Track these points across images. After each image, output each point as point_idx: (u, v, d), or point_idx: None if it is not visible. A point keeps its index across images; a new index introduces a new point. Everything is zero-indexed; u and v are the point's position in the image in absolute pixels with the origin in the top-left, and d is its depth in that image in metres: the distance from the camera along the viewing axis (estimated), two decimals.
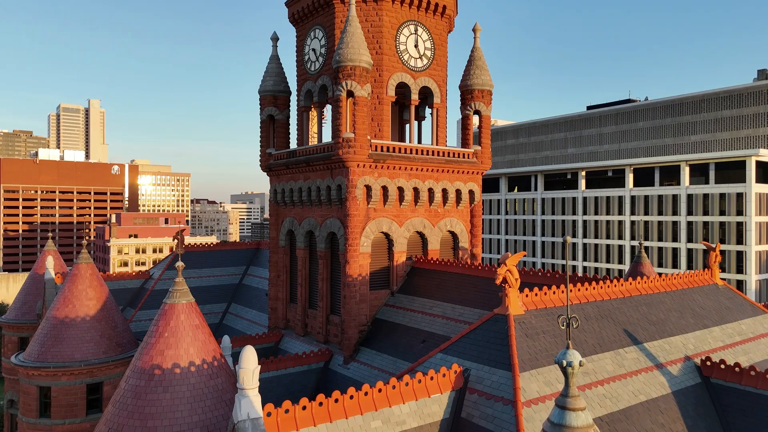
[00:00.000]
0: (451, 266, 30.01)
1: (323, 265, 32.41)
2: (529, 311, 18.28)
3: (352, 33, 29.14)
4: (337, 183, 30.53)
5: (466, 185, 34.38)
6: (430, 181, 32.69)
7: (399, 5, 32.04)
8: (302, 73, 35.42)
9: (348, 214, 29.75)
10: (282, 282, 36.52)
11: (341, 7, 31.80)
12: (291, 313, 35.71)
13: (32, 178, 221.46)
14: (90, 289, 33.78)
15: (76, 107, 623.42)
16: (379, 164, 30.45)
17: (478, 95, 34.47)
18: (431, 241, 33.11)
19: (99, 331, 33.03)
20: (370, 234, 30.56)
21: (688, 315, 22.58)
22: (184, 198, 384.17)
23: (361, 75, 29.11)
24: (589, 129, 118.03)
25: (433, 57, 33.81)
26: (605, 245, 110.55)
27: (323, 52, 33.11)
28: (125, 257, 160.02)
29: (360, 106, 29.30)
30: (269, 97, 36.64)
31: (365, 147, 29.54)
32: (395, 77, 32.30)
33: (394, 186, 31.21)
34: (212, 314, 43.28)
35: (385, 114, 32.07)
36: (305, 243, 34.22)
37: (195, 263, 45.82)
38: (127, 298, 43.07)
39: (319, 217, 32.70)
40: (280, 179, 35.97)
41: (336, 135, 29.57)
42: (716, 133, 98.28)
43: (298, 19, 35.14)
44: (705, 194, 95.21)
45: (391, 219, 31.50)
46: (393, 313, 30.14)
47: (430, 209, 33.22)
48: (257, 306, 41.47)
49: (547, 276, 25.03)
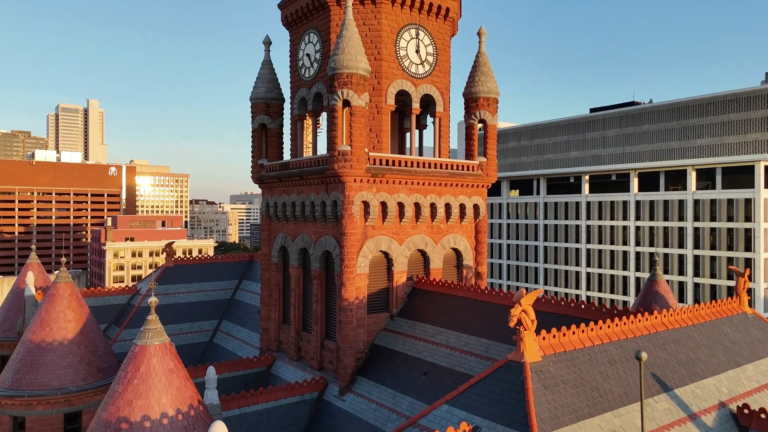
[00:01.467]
0: (455, 288, 27.85)
1: (318, 286, 30.26)
2: (547, 357, 16.12)
3: (349, 38, 26.98)
4: (332, 199, 28.38)
5: (471, 199, 32.22)
6: (432, 196, 30.53)
7: (399, 8, 29.87)
8: (296, 80, 33.27)
9: (344, 233, 27.59)
10: (274, 301, 34.35)
11: (337, 10, 29.63)
12: (284, 334, 33.56)
13: (28, 179, 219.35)
14: (68, 310, 31.61)
15: (75, 107, 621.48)
16: (378, 178, 28.29)
17: (483, 103, 32.30)
18: (433, 260, 30.95)
19: (78, 356, 30.87)
20: (367, 253, 28.40)
21: (719, 351, 20.42)
22: (183, 199, 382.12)
23: (358, 83, 26.94)
24: (592, 132, 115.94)
25: (435, 63, 31.64)
26: (609, 251, 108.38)
27: (318, 57, 30.94)
28: (121, 261, 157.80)
29: (357, 116, 27.13)
30: (261, 105, 34.46)
31: (362, 161, 27.38)
32: (395, 85, 30.13)
33: (394, 201, 29.04)
34: (202, 332, 41.11)
35: (384, 124, 29.90)
36: (299, 261, 32.06)
37: (185, 277, 43.63)
38: (112, 315, 40.89)
39: (313, 234, 30.54)
40: (273, 192, 33.82)
41: (331, 147, 27.41)
42: (723, 136, 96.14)
43: (291, 22, 32.98)
44: (712, 200, 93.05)
45: (391, 237, 29.34)
46: (393, 340, 27.98)
47: (432, 225, 31.05)
48: (249, 324, 39.29)
49: (561, 305, 22.87)
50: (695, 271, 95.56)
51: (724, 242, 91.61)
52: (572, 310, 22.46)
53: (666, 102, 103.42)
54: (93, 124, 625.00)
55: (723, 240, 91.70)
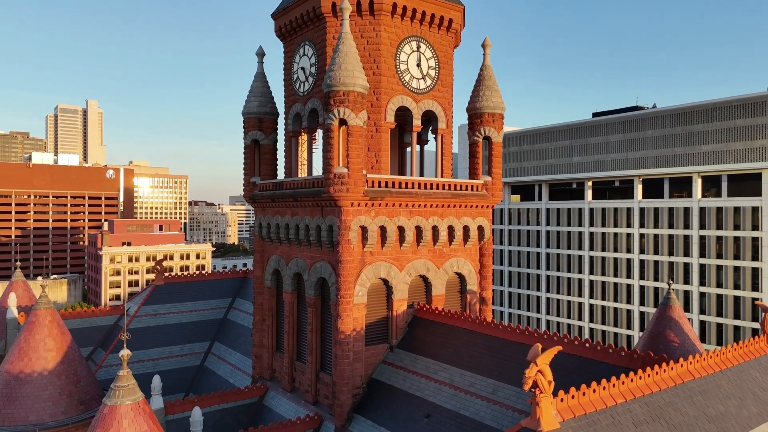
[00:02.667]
0: (459, 320, 26.07)
1: (313, 315, 28.47)
2: (566, 422, 14.34)
3: (346, 52, 25.20)
4: (328, 223, 26.59)
5: (475, 221, 30.45)
6: (434, 218, 28.75)
7: (399, 20, 28.09)
8: (290, 94, 31.49)
9: (340, 261, 25.80)
10: (267, 327, 32.57)
11: (333, 22, 27.85)
12: (277, 362, 31.78)
13: (25, 182, 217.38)
14: (49, 338, 29.83)
15: (74, 108, 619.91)
16: (377, 201, 26.51)
17: (488, 119, 30.52)
18: (435, 286, 29.17)
19: (58, 387, 29.10)
20: (365, 281, 26.62)
21: (749, 402, 18.65)
22: (182, 200, 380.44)
23: (355, 101, 25.17)
24: (595, 137, 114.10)
25: (437, 77, 29.87)
26: (613, 259, 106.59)
27: (313, 71, 29.16)
28: (118, 266, 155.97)
29: (354, 136, 25.35)
30: (254, 120, 32.68)
31: (360, 184, 25.60)
32: (395, 101, 28.36)
33: (394, 225, 27.27)
34: (193, 354, 39.31)
35: (383, 143, 28.13)
36: (293, 286, 30.27)
37: (175, 296, 41.83)
38: (99, 337, 39.14)
39: (308, 258, 28.75)
40: (266, 212, 32.03)
41: (327, 170, 25.63)
42: (729, 143, 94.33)
43: (285, 34, 31.20)
44: (719, 207, 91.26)
45: (390, 263, 27.56)
46: (392, 374, 26.19)
47: (435, 249, 29.27)
48: (242, 348, 37.49)
49: (575, 345, 21.08)
50: (701, 280, 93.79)
51: (730, 251, 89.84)
52: (587, 351, 20.70)
53: (670, 107, 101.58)
54: (92, 124, 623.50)
55: (729, 249, 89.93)
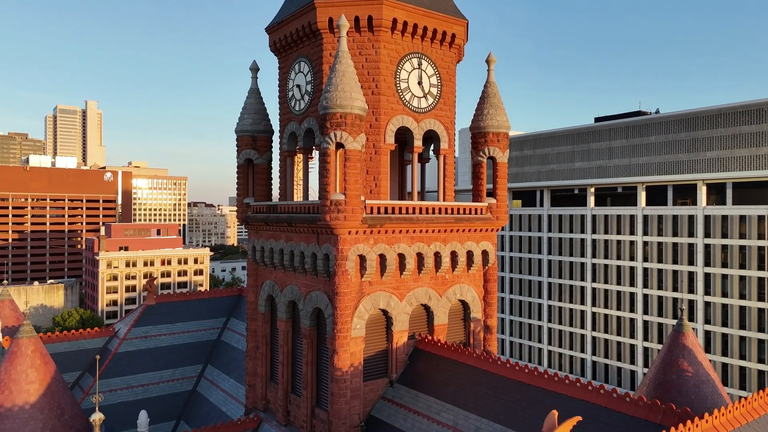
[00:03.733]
0: (464, 355, 24.61)
1: (308, 346, 27.01)
2: None
3: (343, 72, 23.74)
4: (324, 251, 25.13)
5: (479, 245, 28.99)
6: (436, 244, 27.28)
7: (400, 36, 26.63)
8: (285, 112, 30.02)
9: (337, 292, 24.33)
10: (261, 355, 31.10)
11: (330, 38, 26.39)
12: (271, 393, 30.32)
13: (22, 185, 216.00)
14: (31, 370, 28.36)
15: (73, 108, 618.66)
16: (376, 228, 25.05)
17: (492, 139, 29.06)
18: (438, 315, 27.71)
19: (40, 422, 27.62)
20: (364, 313, 25.16)
21: None
22: (181, 202, 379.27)
23: (353, 124, 23.71)
24: (597, 142, 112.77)
25: (439, 95, 28.41)
26: (616, 266, 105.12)
27: (309, 90, 27.69)
28: (115, 271, 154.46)
29: (352, 161, 23.89)
30: (247, 138, 31.21)
31: (358, 211, 24.14)
32: (395, 121, 26.90)
33: (394, 253, 25.80)
34: (185, 379, 37.85)
35: (382, 165, 26.67)
36: (287, 314, 28.80)
37: (168, 316, 40.37)
38: (87, 361, 37.63)
39: (303, 286, 27.28)
40: (260, 235, 30.56)
41: (323, 196, 24.17)
42: (734, 149, 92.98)
43: (280, 49, 29.74)
44: (724, 216, 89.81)
45: (390, 292, 26.09)
46: (392, 412, 24.72)
47: (437, 276, 27.81)
48: (235, 373, 36.03)
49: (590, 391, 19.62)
50: (705, 289, 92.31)
51: (736, 260, 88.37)
52: (602, 398, 19.25)
53: (674, 113, 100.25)
54: (91, 125, 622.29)
55: (735, 258, 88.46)
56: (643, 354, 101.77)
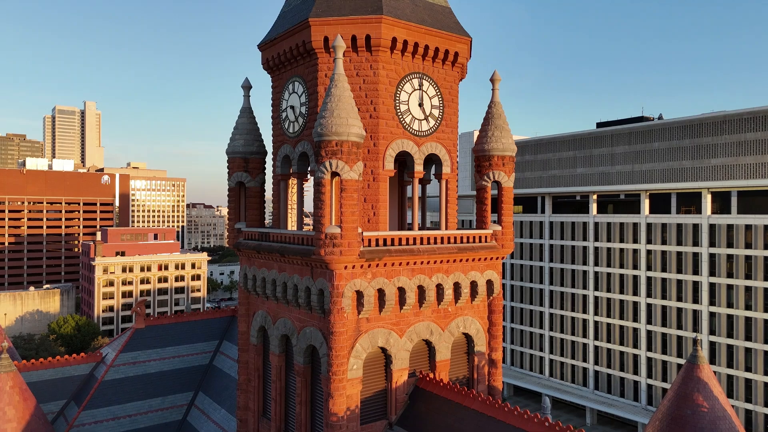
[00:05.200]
0: (468, 398, 23.02)
1: (302, 385, 25.42)
2: None
3: (339, 97, 22.15)
4: (318, 286, 23.54)
5: (484, 275, 27.40)
6: (439, 275, 25.70)
7: (399, 55, 25.04)
8: (279, 134, 28.44)
9: (332, 332, 22.74)
10: (253, 389, 29.51)
11: (326, 58, 24.80)
12: (264, 428, 28.72)
13: (19, 188, 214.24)
14: (9, 407, 26.81)
15: (72, 109, 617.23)
16: (374, 262, 23.46)
17: (497, 163, 27.48)
18: (440, 350, 26.11)
19: None
20: (361, 352, 23.56)
21: None
22: (179, 203, 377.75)
23: (349, 152, 22.12)
24: (599, 148, 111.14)
25: (441, 117, 26.82)
26: (618, 275, 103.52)
27: (303, 111, 26.10)
28: (111, 277, 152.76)
29: (348, 191, 22.29)
30: (239, 160, 29.61)
31: (355, 245, 22.55)
32: (394, 146, 25.32)
33: (393, 287, 24.21)
34: (175, 408, 36.22)
35: (381, 193, 25.09)
36: (280, 348, 27.20)
37: (157, 340, 38.71)
38: (73, 388, 36.00)
39: (296, 321, 25.69)
40: (252, 263, 28.96)
41: (318, 228, 22.57)
42: (739, 157, 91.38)
43: (273, 67, 28.14)
44: (729, 225, 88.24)
45: (390, 329, 24.50)
46: None
47: (439, 309, 26.23)
48: (227, 403, 34.41)
49: None
50: (711, 299, 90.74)
51: (742, 270, 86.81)
52: None
53: (678, 119, 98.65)
54: (90, 126, 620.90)
55: (741, 268, 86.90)
56: (647, 364, 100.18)
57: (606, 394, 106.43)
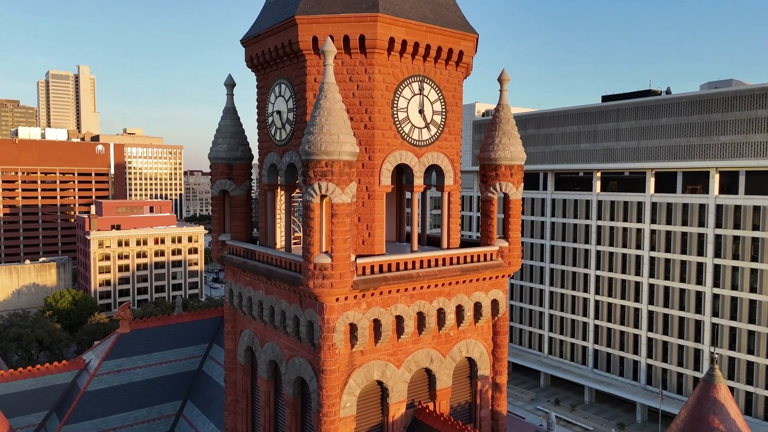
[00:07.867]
0: None
1: (291, 417, 23.54)
2: None
3: (329, 110, 19.55)
4: (307, 317, 21.40)
5: (488, 295, 25.26)
6: (440, 299, 23.54)
7: (398, 57, 22.30)
8: (265, 139, 25.85)
9: (323, 369, 20.70)
10: (241, 410, 27.71)
11: (315, 60, 22.06)
12: None
13: (12, 158, 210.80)
14: None
15: (66, 74, 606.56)
16: (369, 291, 21.26)
17: (505, 173, 25.04)
18: (440, 378, 24.17)
19: None
20: (355, 388, 21.58)
21: None
22: (176, 171, 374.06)
23: (341, 172, 19.65)
24: (604, 123, 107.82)
25: (444, 123, 24.23)
26: (621, 254, 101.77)
27: (291, 118, 23.49)
28: (107, 251, 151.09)
29: (340, 216, 19.91)
30: (222, 167, 27.11)
31: (347, 275, 20.30)
32: (392, 158, 22.81)
33: (390, 316, 22.08)
34: (162, 419, 34.63)
35: (377, 211, 22.71)
36: (268, 373, 25.25)
37: (143, 345, 36.84)
38: (55, 399, 34.33)
39: (285, 348, 23.66)
40: (237, 279, 26.76)
41: (306, 257, 20.27)
42: (749, 134, 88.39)
43: (257, 65, 25.37)
44: (737, 206, 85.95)
45: (386, 360, 22.48)
46: None
47: (440, 335, 24.17)
48: (216, 416, 32.74)
49: None
50: (715, 281, 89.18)
51: (748, 252, 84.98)
52: None
53: (687, 94, 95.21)
54: (84, 91, 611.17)
55: (747, 250, 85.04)
56: (647, 345, 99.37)
57: (605, 373, 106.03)
